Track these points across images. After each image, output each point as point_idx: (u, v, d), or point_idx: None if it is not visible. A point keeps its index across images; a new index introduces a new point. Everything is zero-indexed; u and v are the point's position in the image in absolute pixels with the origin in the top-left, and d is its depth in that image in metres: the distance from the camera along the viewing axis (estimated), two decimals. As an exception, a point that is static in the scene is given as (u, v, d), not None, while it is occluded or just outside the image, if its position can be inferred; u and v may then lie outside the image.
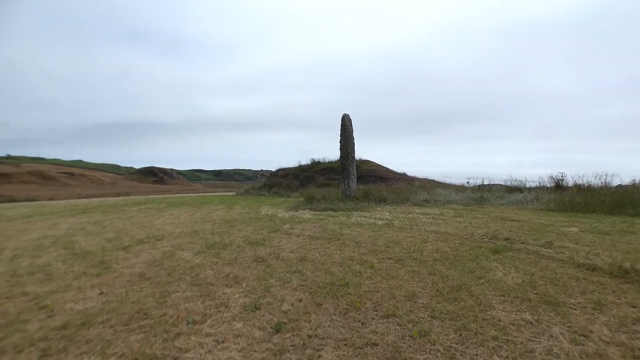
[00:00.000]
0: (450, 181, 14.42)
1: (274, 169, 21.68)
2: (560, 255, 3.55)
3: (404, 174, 17.28)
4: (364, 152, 25.56)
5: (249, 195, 16.41)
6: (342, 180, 10.11)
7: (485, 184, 12.22)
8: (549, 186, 9.90)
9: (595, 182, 8.83)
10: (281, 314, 2.38)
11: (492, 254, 3.68)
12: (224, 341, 2.06)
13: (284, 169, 20.32)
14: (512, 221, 5.92)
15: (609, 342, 1.88)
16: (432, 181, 14.96)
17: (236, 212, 8.39)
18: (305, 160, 19.87)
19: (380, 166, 18.33)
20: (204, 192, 30.20)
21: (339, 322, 2.24)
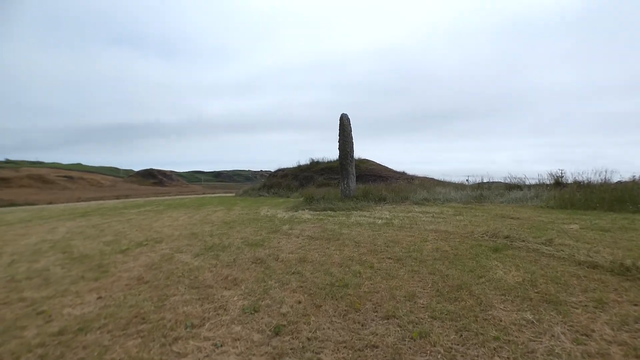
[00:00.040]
0: (449, 179, 14.40)
1: (274, 169, 21.66)
2: (560, 253, 3.53)
3: (404, 173, 17.26)
4: (363, 152, 25.54)
5: (248, 196, 16.37)
6: (342, 179, 10.08)
7: (484, 181, 12.19)
8: (548, 183, 9.88)
9: (595, 178, 8.81)
10: (280, 317, 2.36)
11: (493, 253, 3.66)
12: (223, 345, 2.04)
13: (283, 169, 20.29)
14: (512, 219, 5.90)
15: (611, 342, 1.86)
16: (432, 179, 14.94)
17: (235, 213, 8.36)
18: (304, 160, 19.84)
19: (379, 165, 18.31)
20: (203, 194, 30.16)
21: (339, 324, 2.22)
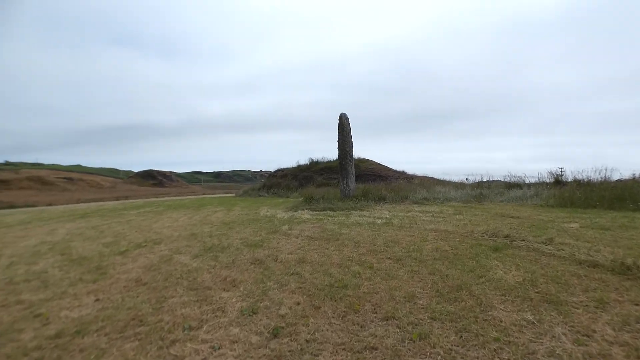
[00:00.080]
0: (449, 178, 14.37)
1: (273, 169, 21.64)
2: (561, 252, 3.51)
3: (403, 172, 17.23)
4: (363, 151, 25.49)
5: (248, 196, 16.36)
6: (341, 179, 10.06)
7: (484, 180, 12.17)
8: (548, 182, 9.85)
9: (594, 176, 8.80)
10: (279, 318, 2.34)
11: (493, 252, 3.65)
12: (220, 347, 2.02)
13: (283, 170, 20.27)
14: (512, 218, 5.88)
15: (612, 342, 1.84)
16: (432, 179, 14.92)
17: (235, 214, 8.35)
18: (304, 160, 19.81)
19: (379, 165, 18.28)
20: (203, 194, 30.16)
21: (338, 326, 2.20)
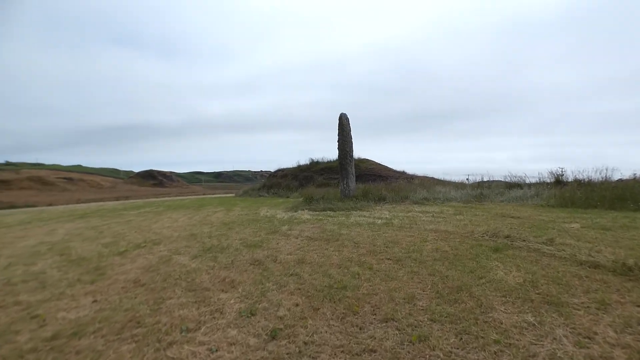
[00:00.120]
0: (450, 178, 14.34)
1: (273, 169, 21.61)
2: (562, 252, 3.49)
3: (403, 172, 17.21)
4: (363, 151, 25.49)
5: (248, 196, 16.34)
6: (341, 179, 10.03)
7: (484, 180, 12.14)
8: (549, 182, 9.82)
9: (595, 176, 8.76)
10: (277, 320, 2.32)
11: (493, 253, 3.62)
12: (218, 350, 2.00)
13: (283, 170, 20.25)
14: (513, 218, 5.86)
15: (614, 345, 1.82)
16: (432, 179, 14.89)
17: (235, 214, 8.33)
18: (304, 160, 19.80)
19: (379, 165, 18.26)
20: (203, 194, 30.15)
21: (336, 328, 2.18)
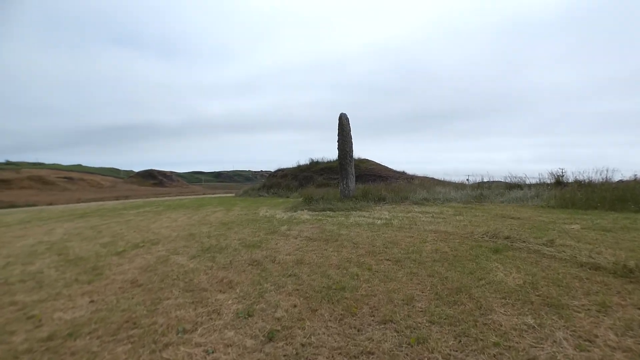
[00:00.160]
0: (450, 179, 14.31)
1: (273, 169, 21.60)
2: (562, 254, 3.46)
3: (403, 173, 17.18)
4: (363, 151, 25.44)
5: (248, 196, 16.32)
6: (341, 179, 10.01)
7: (485, 181, 12.11)
8: (549, 182, 9.79)
9: (596, 177, 8.72)
10: (274, 321, 2.30)
11: (493, 254, 3.60)
12: (214, 351, 1.98)
13: (283, 170, 20.23)
14: (513, 219, 5.83)
15: (615, 348, 1.79)
16: (432, 179, 14.86)
17: (234, 214, 8.31)
18: (304, 160, 19.78)
19: (379, 165, 18.23)
20: (203, 194, 30.14)
21: (334, 329, 2.16)
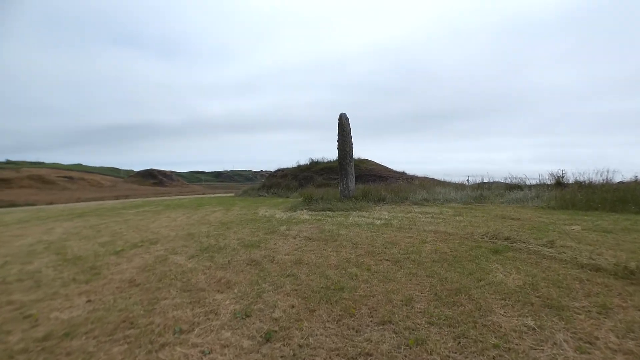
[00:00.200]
0: (450, 179, 14.28)
1: (273, 169, 21.58)
2: (562, 255, 3.44)
3: (403, 173, 17.16)
4: (363, 151, 25.41)
5: (248, 196, 16.30)
6: (341, 180, 9.99)
7: (485, 181, 12.09)
8: (549, 183, 9.77)
9: (596, 178, 8.70)
10: (272, 322, 2.28)
11: (493, 255, 3.58)
12: (211, 352, 1.96)
13: (283, 169, 20.21)
14: (513, 220, 5.81)
15: (616, 350, 1.77)
16: (432, 179, 14.84)
17: (233, 214, 8.29)
18: (304, 160, 19.76)
19: (379, 165, 18.21)
20: (203, 194, 30.13)
21: (332, 330, 2.14)
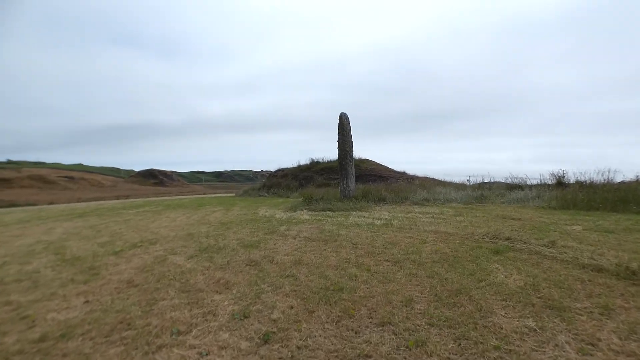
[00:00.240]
0: (450, 179, 14.26)
1: (274, 169, 21.58)
2: (563, 255, 3.42)
3: (404, 173, 17.14)
4: (364, 151, 25.41)
5: (248, 196, 16.29)
6: (341, 180, 9.97)
7: (485, 181, 12.06)
8: (550, 183, 9.74)
9: (597, 178, 8.67)
10: (271, 323, 2.26)
11: (493, 255, 3.55)
12: (208, 354, 1.94)
13: (283, 169, 20.20)
14: (514, 220, 5.78)
15: (618, 352, 1.75)
16: (432, 179, 14.81)
17: (233, 214, 8.27)
18: (304, 160, 19.76)
19: (379, 165, 18.20)
20: (203, 194, 30.12)
21: (331, 331, 2.12)
